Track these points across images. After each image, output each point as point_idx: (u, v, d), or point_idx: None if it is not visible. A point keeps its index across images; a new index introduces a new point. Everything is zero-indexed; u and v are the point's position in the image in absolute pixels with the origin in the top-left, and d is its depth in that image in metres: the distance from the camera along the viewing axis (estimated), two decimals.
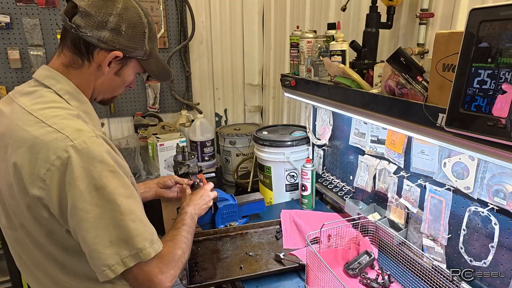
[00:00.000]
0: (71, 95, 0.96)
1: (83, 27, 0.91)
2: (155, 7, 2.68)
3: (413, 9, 1.47)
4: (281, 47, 2.72)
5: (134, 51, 1.00)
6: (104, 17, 0.92)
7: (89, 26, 0.91)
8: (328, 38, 1.60)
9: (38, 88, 0.95)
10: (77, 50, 0.95)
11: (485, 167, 1.11)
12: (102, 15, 0.92)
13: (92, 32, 0.92)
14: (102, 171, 0.84)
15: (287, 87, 1.83)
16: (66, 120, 0.88)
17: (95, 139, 0.86)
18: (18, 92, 0.97)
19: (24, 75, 2.40)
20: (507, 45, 0.76)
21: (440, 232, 1.28)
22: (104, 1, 0.93)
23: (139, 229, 0.89)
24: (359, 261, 1.40)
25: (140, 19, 0.98)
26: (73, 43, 0.94)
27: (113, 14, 0.93)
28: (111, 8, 0.93)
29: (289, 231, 1.69)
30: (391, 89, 1.14)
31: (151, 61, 1.07)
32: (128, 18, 0.95)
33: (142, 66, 1.06)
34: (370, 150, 1.63)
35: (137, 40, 0.99)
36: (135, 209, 0.90)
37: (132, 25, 0.97)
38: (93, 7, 0.91)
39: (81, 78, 0.98)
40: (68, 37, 0.95)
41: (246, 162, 2.81)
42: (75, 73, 0.97)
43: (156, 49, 1.08)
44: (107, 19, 0.92)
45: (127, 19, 0.95)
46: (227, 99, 3.21)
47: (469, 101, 0.85)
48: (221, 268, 1.45)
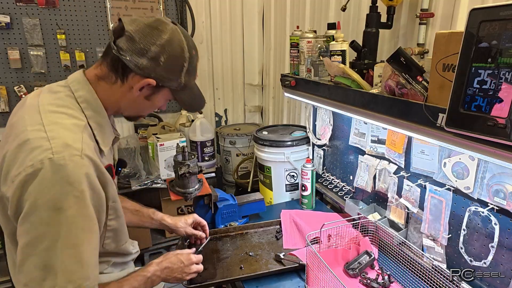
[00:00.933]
0: (88, 104, 0.96)
1: (124, 50, 0.92)
2: (155, 7, 2.68)
3: (413, 9, 1.47)
4: (281, 47, 2.72)
5: (168, 81, 1.00)
6: (147, 46, 0.93)
7: (130, 50, 0.93)
8: (328, 38, 1.60)
9: (63, 89, 0.97)
10: (114, 68, 0.97)
11: (485, 167, 1.11)
12: (145, 43, 0.93)
13: (131, 57, 0.93)
14: (67, 193, 0.81)
15: (287, 87, 1.83)
16: (64, 130, 0.87)
17: (77, 158, 0.83)
18: (48, 88, 0.99)
19: (24, 75, 2.40)
20: (507, 45, 0.76)
21: (440, 232, 1.28)
22: (152, 30, 0.94)
23: (69, 267, 0.82)
24: (359, 261, 1.40)
25: (182, 52, 0.98)
26: (112, 61, 0.96)
27: (156, 44, 0.94)
28: (156, 38, 0.94)
29: (289, 231, 1.69)
30: (391, 89, 1.14)
31: (185, 92, 1.07)
32: (169, 50, 0.96)
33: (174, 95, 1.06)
34: (370, 150, 1.63)
35: (174, 72, 0.99)
36: (81, 245, 0.84)
37: (172, 57, 0.97)
38: (139, 33, 0.93)
39: (110, 93, 0.99)
40: (109, 54, 0.96)
41: (246, 162, 2.81)
42: (105, 87, 0.99)
43: (192, 81, 1.07)
44: (149, 48, 0.93)
45: (168, 51, 0.95)
46: (227, 99, 3.21)
47: (469, 101, 0.84)
48: (221, 268, 1.45)
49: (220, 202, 1.74)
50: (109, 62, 0.97)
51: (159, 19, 0.98)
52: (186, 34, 1.02)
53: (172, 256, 1.20)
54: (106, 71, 0.98)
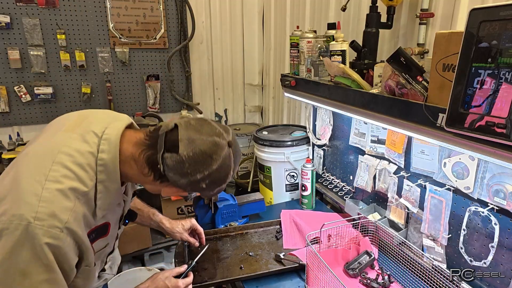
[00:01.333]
0: (105, 169, 0.91)
1: (169, 168, 0.89)
2: (155, 7, 2.68)
3: (413, 9, 1.47)
4: (281, 47, 2.72)
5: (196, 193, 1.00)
6: (193, 172, 0.90)
7: (175, 170, 0.90)
8: (328, 38, 1.60)
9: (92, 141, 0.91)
10: (151, 167, 0.92)
11: (485, 167, 1.11)
12: (192, 169, 0.90)
13: (174, 175, 0.90)
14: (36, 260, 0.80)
15: (287, 87, 1.83)
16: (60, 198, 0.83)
17: (56, 231, 0.81)
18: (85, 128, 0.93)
19: (24, 75, 2.40)
20: (507, 45, 0.76)
21: (440, 232, 1.28)
22: (205, 158, 0.90)
23: None
24: (359, 261, 1.40)
25: (226, 177, 0.97)
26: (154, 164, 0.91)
27: (203, 172, 0.91)
28: (205, 167, 0.91)
29: (289, 231, 1.69)
30: (391, 89, 1.14)
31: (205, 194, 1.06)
32: (214, 177, 0.93)
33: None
34: (370, 150, 1.63)
35: (206, 190, 0.97)
36: None
37: (213, 182, 0.95)
38: (191, 160, 0.89)
39: (134, 173, 0.95)
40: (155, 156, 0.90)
41: (246, 162, 2.81)
42: (134, 168, 0.94)
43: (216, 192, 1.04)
44: (195, 174, 0.90)
45: (212, 178, 0.93)
46: (227, 99, 3.21)
47: (469, 101, 0.84)
48: (221, 268, 1.45)
49: (220, 202, 1.74)
50: (149, 157, 0.91)
51: (218, 143, 0.92)
52: (237, 152, 1.00)
53: (160, 281, 1.18)
54: (142, 161, 0.92)
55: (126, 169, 0.94)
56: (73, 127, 0.95)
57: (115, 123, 0.97)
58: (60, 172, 0.85)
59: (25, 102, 2.42)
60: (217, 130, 0.94)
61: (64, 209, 0.83)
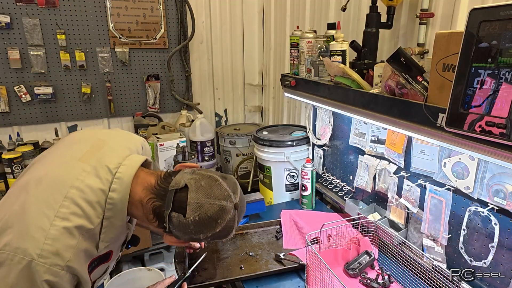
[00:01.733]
0: (114, 207, 0.92)
1: (174, 226, 0.92)
2: (155, 7, 2.68)
3: (413, 9, 1.47)
4: (281, 47, 2.72)
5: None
6: (196, 233, 0.93)
7: (179, 229, 0.92)
8: (328, 38, 1.60)
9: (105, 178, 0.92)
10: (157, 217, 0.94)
11: (485, 167, 1.11)
12: (196, 231, 0.92)
13: (178, 232, 0.94)
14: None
15: (287, 87, 1.83)
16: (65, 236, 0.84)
17: (56, 269, 0.82)
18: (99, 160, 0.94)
19: (24, 75, 2.40)
20: (507, 45, 0.76)
21: (440, 232, 1.28)
22: (211, 222, 0.92)
23: None
24: (359, 261, 1.40)
25: (227, 235, 0.98)
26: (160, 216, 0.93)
27: (206, 234, 0.93)
28: (209, 230, 0.93)
29: (289, 231, 1.69)
30: (391, 89, 1.14)
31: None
32: (215, 236, 0.95)
33: None
34: (370, 150, 1.63)
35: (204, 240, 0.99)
36: None
37: (214, 238, 0.97)
38: (196, 223, 0.91)
39: (140, 215, 0.97)
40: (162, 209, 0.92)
41: (246, 162, 2.81)
42: (141, 210, 0.96)
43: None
44: (197, 234, 0.93)
45: (213, 237, 0.95)
46: (227, 99, 3.21)
47: (469, 101, 0.84)
48: (221, 268, 1.45)
49: None
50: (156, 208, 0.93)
51: (225, 208, 0.93)
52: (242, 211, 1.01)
53: None
54: (149, 209, 0.94)
55: (133, 210, 0.96)
56: (88, 157, 0.95)
57: (131, 159, 0.98)
58: (70, 209, 0.86)
59: (25, 102, 2.42)
60: (226, 193, 0.94)
61: (68, 247, 0.84)
